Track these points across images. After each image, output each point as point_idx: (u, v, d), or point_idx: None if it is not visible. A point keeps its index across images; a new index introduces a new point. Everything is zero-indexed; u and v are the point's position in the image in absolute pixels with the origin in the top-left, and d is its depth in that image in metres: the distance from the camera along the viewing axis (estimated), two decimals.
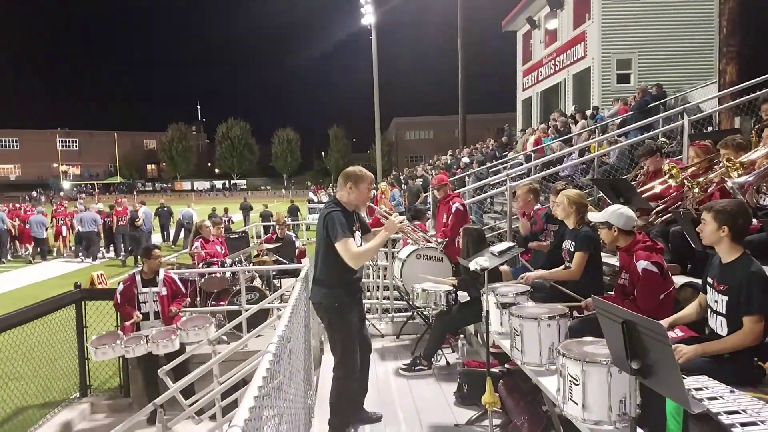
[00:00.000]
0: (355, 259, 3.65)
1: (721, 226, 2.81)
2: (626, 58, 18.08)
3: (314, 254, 3.91)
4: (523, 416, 3.67)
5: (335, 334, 3.82)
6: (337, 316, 3.76)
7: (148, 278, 6.12)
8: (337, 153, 78.64)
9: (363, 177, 3.82)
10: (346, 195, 3.80)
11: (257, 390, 1.72)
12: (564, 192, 4.53)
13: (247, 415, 1.54)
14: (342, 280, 3.75)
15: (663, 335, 1.87)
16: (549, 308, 3.52)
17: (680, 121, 7.23)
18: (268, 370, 1.85)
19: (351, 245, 3.60)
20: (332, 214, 3.68)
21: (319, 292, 3.81)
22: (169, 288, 6.15)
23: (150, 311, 6.03)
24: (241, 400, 1.89)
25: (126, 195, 52.98)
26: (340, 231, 3.59)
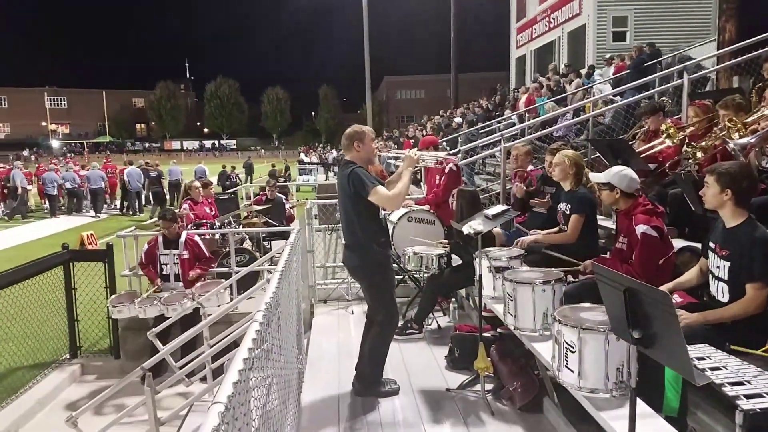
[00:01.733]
0: (393, 201, 3.76)
1: (724, 189, 2.71)
2: (622, 15, 17.69)
3: (341, 219, 3.95)
4: (516, 381, 3.64)
5: (377, 293, 3.90)
6: (377, 274, 3.83)
7: (171, 240, 6.11)
8: (327, 113, 77.74)
9: (364, 132, 3.84)
10: (357, 154, 3.80)
11: (246, 353, 1.64)
12: (564, 152, 4.40)
13: (236, 377, 1.47)
14: (375, 239, 3.78)
15: (669, 304, 1.78)
16: (544, 273, 3.44)
17: (679, 80, 7.06)
18: (254, 340, 1.76)
19: (384, 191, 3.66)
20: (355, 171, 3.68)
21: (354, 255, 3.86)
22: (191, 251, 6.13)
23: (171, 273, 6.06)
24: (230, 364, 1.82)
25: (115, 154, 52.24)
26: (369, 183, 3.62)
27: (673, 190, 4.49)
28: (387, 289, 3.88)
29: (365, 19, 26.26)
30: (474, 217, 3.90)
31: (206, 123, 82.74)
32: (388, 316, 3.88)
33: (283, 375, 2.63)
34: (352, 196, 3.69)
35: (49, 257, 6.21)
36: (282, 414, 2.55)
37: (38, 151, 63.22)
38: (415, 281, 5.62)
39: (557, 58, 19.97)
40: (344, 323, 5.57)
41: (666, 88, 7.72)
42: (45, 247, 11.77)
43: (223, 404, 1.33)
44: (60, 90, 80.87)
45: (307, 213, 5.25)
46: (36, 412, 5.42)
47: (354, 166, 3.72)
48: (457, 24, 23.85)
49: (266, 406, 2.03)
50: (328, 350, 4.86)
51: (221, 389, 1.41)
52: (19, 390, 5.60)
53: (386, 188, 3.75)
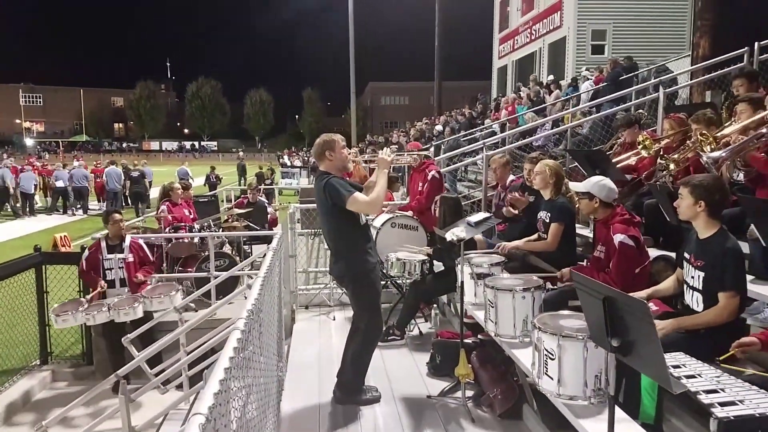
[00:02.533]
0: (371, 206, 3.75)
1: (698, 201, 2.79)
2: (601, 28, 18.04)
3: (323, 230, 3.94)
4: (496, 388, 3.66)
5: (362, 301, 3.87)
6: (362, 283, 3.81)
7: (114, 244, 5.90)
8: (311, 116, 77.39)
9: (334, 140, 3.80)
10: (329, 163, 3.77)
11: (227, 362, 1.61)
12: (544, 162, 4.46)
13: (216, 388, 1.45)
14: (359, 247, 3.77)
15: (647, 313, 1.82)
16: (524, 280, 3.47)
17: (654, 94, 7.23)
18: (235, 348, 1.74)
19: (360, 197, 3.64)
20: (330, 181, 3.65)
21: (340, 265, 3.84)
22: (135, 254, 5.94)
23: (116, 278, 5.83)
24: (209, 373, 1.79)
25: (91, 154, 51.28)
26: (344, 191, 3.60)
27: (649, 200, 4.58)
28: (373, 297, 3.87)
29: (351, 24, 26.32)
30: (457, 224, 3.93)
31: (187, 124, 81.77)
32: (372, 324, 3.87)
33: (262, 383, 2.60)
34: (330, 207, 3.67)
35: (20, 260, 6.05)
36: (261, 423, 2.52)
37: (11, 149, 61.83)
38: (397, 287, 5.63)
39: (538, 68, 20.24)
40: (326, 329, 5.56)
41: (642, 101, 7.89)
42: (15, 249, 11.54)
43: (204, 416, 1.30)
44: (36, 87, 79.17)
45: (290, 217, 5.22)
46: (4, 420, 5.26)
47: (329, 176, 3.69)
48: (441, 32, 24.05)
49: (245, 416, 2.00)
50: (309, 357, 4.83)
51: (202, 400, 1.39)
52: None
53: (364, 194, 3.74)
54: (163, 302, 5.32)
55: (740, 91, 5.00)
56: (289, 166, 30.11)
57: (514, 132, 9.22)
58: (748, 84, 4.97)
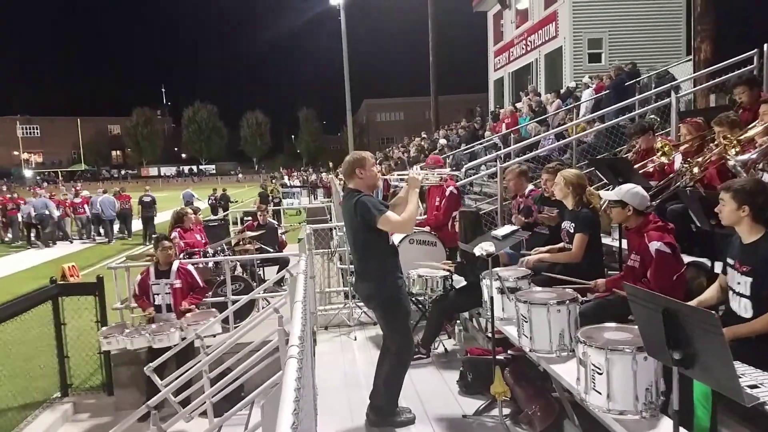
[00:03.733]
0: (403, 226, 3.70)
1: (741, 205, 2.74)
2: (597, 37, 18.19)
3: (351, 249, 3.89)
4: (534, 405, 3.59)
5: (393, 323, 3.79)
6: (392, 305, 3.73)
7: (163, 270, 5.96)
8: (308, 136, 77.82)
9: (365, 158, 3.76)
10: (359, 181, 3.71)
11: (292, 393, 1.56)
12: (561, 173, 4.44)
13: (290, 420, 1.42)
14: (387, 267, 3.70)
15: (715, 324, 1.77)
16: (557, 293, 3.43)
17: (665, 100, 7.23)
18: (297, 379, 1.69)
19: (392, 216, 3.56)
20: (361, 199, 3.59)
21: (367, 286, 3.77)
22: (183, 280, 5.98)
23: (162, 304, 5.90)
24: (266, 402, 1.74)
25: (90, 182, 51.33)
26: (375, 210, 3.53)
27: (673, 206, 4.55)
28: (403, 318, 3.80)
29: (344, 43, 26.55)
30: (483, 238, 3.88)
31: (184, 148, 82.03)
32: (403, 346, 3.79)
33: (307, 410, 2.54)
34: (360, 226, 3.61)
35: (37, 292, 6.00)
36: None
37: (11, 180, 61.88)
38: (417, 304, 5.56)
39: (535, 79, 20.36)
40: (348, 350, 5.47)
41: (652, 108, 7.89)
42: (23, 281, 11.47)
43: None
44: (32, 118, 79.50)
45: (307, 239, 5.18)
46: None
47: (359, 194, 3.63)
48: (435, 46, 24.23)
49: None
50: (335, 379, 4.75)
51: None
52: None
53: (396, 209, 3.70)
54: (198, 329, 5.34)
55: (743, 98, 5.04)
56: (289, 186, 30.02)
57: (522, 145, 9.20)
58: (750, 90, 4.99)
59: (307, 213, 13.90)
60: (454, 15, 28.66)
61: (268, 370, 4.38)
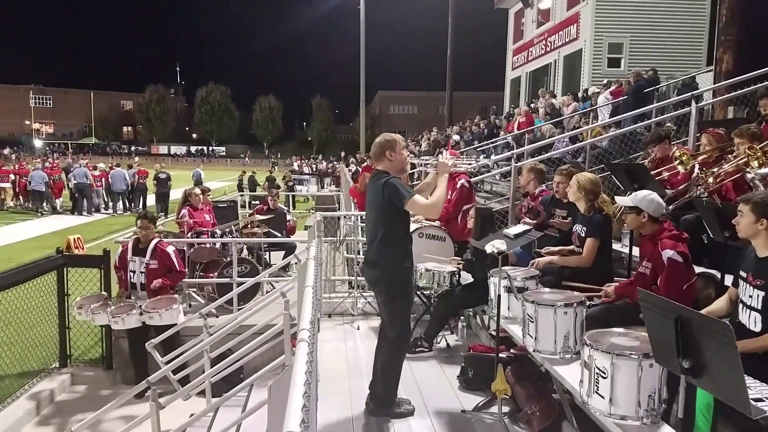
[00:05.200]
0: (430, 209, 3.69)
1: (760, 218, 2.71)
2: (618, 42, 18.01)
3: (368, 232, 3.86)
4: (534, 405, 3.58)
5: (395, 310, 3.78)
6: (400, 291, 3.73)
7: (142, 248, 5.87)
8: (319, 124, 77.52)
9: (396, 140, 3.75)
10: (389, 163, 3.70)
11: (304, 376, 1.56)
12: (576, 176, 4.41)
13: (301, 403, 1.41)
14: (402, 254, 3.69)
15: (729, 335, 1.76)
16: (564, 295, 3.42)
17: (684, 109, 7.16)
18: (308, 362, 1.68)
19: (420, 199, 3.56)
20: (390, 180, 3.57)
21: (378, 269, 3.74)
22: (160, 261, 5.84)
23: (137, 282, 5.81)
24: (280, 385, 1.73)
25: (100, 156, 51.45)
26: (405, 192, 3.52)
27: (686, 216, 4.51)
28: (406, 307, 3.80)
29: (362, 33, 26.45)
30: (495, 236, 3.87)
31: (195, 129, 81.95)
32: (402, 334, 3.78)
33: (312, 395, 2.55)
34: (385, 208, 3.58)
35: (41, 261, 6.01)
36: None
37: (20, 149, 62.22)
38: (422, 298, 5.56)
39: (552, 80, 20.22)
40: (351, 339, 5.48)
41: (670, 116, 7.82)
42: (29, 250, 11.54)
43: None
44: (46, 89, 79.46)
45: (317, 225, 5.17)
46: (24, 423, 5.22)
47: (387, 176, 3.60)
48: (453, 42, 24.08)
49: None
50: (337, 367, 4.75)
51: (289, 417, 1.34)
52: (6, 399, 5.38)
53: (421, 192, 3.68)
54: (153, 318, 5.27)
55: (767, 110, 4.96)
56: (300, 173, 30.02)
57: (536, 146, 9.16)
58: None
59: (316, 201, 13.90)
60: (475, 10, 28.45)
61: (270, 353, 4.40)
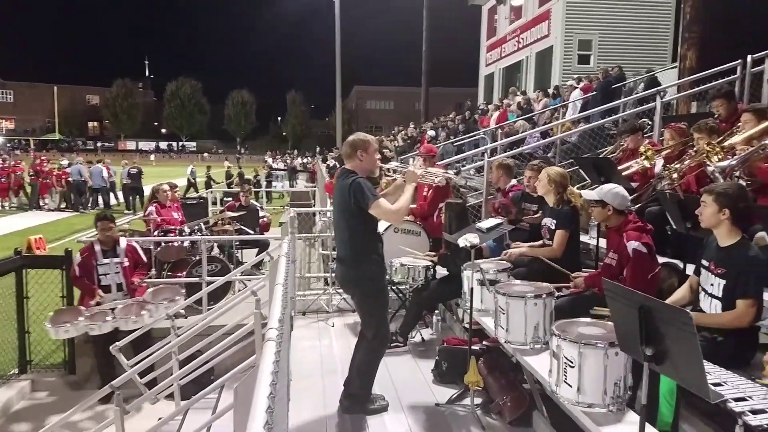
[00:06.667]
0: (395, 215, 3.68)
1: (722, 209, 2.80)
2: (587, 39, 18.29)
3: (336, 230, 3.86)
4: (505, 395, 3.65)
5: (370, 308, 3.78)
6: (372, 290, 3.73)
7: (109, 248, 5.72)
8: (294, 119, 76.73)
9: (369, 141, 3.75)
10: (359, 163, 3.69)
11: (270, 376, 1.55)
12: (546, 170, 4.49)
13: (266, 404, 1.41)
14: (372, 253, 3.69)
15: (689, 323, 1.82)
16: (535, 286, 3.47)
17: (650, 104, 7.33)
18: (275, 362, 1.68)
19: (384, 203, 3.56)
20: (357, 181, 3.56)
21: (349, 269, 3.74)
22: (131, 258, 5.77)
23: (112, 283, 5.64)
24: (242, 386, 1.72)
25: (65, 153, 49.98)
26: (370, 194, 3.52)
27: (651, 208, 4.63)
28: (382, 305, 3.81)
29: (337, 27, 26.31)
30: (468, 230, 3.91)
31: (165, 123, 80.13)
32: (380, 333, 3.78)
33: (281, 396, 2.54)
34: (352, 208, 3.57)
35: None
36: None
37: None
38: (398, 293, 5.58)
39: (525, 77, 20.44)
40: (325, 336, 5.46)
41: (636, 111, 7.99)
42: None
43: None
44: (6, 82, 76.42)
45: (291, 222, 5.14)
46: None
47: (355, 176, 3.60)
48: (429, 38, 24.12)
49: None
50: (311, 365, 4.73)
51: (253, 420, 1.33)
52: None
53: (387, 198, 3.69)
54: (169, 308, 5.14)
55: (720, 110, 5.10)
56: (275, 169, 29.74)
57: (508, 141, 9.28)
58: (727, 104, 5.07)
59: (291, 197, 13.80)
60: (449, 7, 28.50)
61: (241, 354, 4.29)
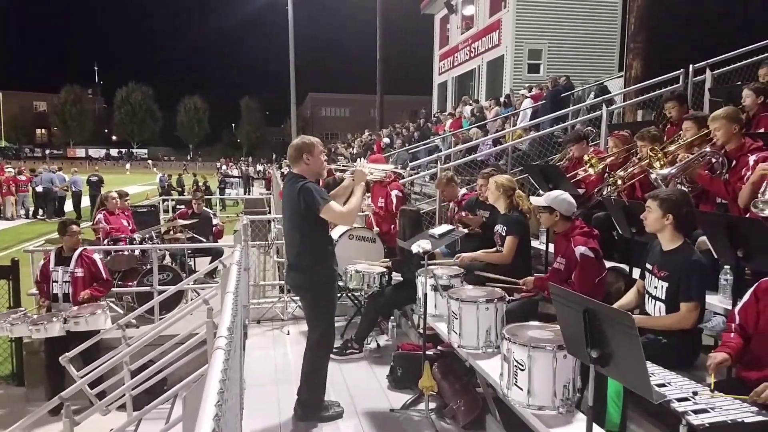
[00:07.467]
0: (345, 217, 3.66)
1: (666, 214, 2.89)
2: (537, 48, 18.74)
3: (286, 236, 3.83)
4: (459, 399, 3.67)
5: (318, 313, 3.76)
6: (322, 294, 3.70)
7: (65, 256, 5.57)
8: (249, 125, 75.90)
9: (314, 144, 3.71)
10: (305, 167, 3.66)
11: (218, 385, 1.51)
12: (494, 177, 4.58)
13: (213, 412, 1.37)
14: (323, 257, 3.67)
15: (631, 326, 1.87)
16: (486, 291, 3.52)
17: (596, 112, 7.60)
18: (224, 370, 1.64)
19: (336, 206, 3.54)
20: (306, 186, 3.54)
21: (300, 274, 3.70)
22: (86, 269, 5.58)
23: (60, 292, 5.48)
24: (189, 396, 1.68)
25: (12, 161, 47.87)
26: (320, 198, 3.50)
27: (597, 214, 4.78)
28: (330, 309, 3.79)
29: (291, 34, 26.09)
30: (421, 236, 3.94)
31: (115, 130, 78.05)
32: (323, 337, 3.77)
33: (232, 405, 2.49)
34: (302, 212, 3.55)
35: None
36: None
37: None
38: (353, 300, 5.56)
39: (477, 86, 20.81)
40: (280, 344, 5.39)
41: (584, 119, 8.26)
42: None
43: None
44: None
45: (244, 229, 5.06)
46: None
47: (304, 180, 3.58)
48: (382, 46, 24.25)
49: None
50: (265, 374, 4.66)
51: (200, 429, 1.30)
52: None
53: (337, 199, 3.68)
54: (80, 323, 5.01)
55: (672, 113, 5.30)
56: (230, 176, 29.23)
57: (460, 148, 9.42)
58: (679, 106, 5.28)
59: (245, 204, 13.60)
60: (403, 16, 28.81)
61: (194, 363, 4.24)
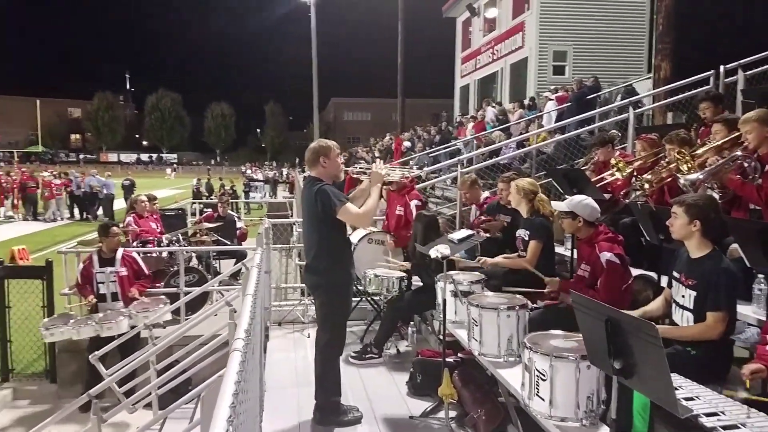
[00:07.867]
0: (361, 219, 3.70)
1: (693, 220, 2.79)
2: (562, 50, 18.44)
3: (305, 238, 3.86)
4: (480, 409, 3.62)
5: (331, 314, 3.77)
6: (337, 296, 3.72)
7: (107, 257, 5.78)
8: (273, 130, 77.02)
9: (330, 147, 3.75)
10: (322, 170, 3.68)
11: (233, 386, 1.52)
12: (515, 182, 4.51)
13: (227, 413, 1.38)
14: (341, 259, 3.70)
15: (654, 336, 1.81)
16: (508, 298, 3.47)
17: (623, 115, 7.43)
18: (239, 372, 1.64)
19: (352, 208, 3.57)
20: (323, 188, 3.57)
21: (317, 275, 3.73)
22: (129, 268, 5.84)
23: (107, 292, 5.71)
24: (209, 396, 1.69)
25: (48, 165, 49.32)
26: (336, 200, 3.53)
27: (624, 219, 4.66)
28: (342, 312, 3.80)
29: (313, 40, 26.32)
30: (440, 241, 3.90)
31: (146, 136, 79.95)
32: (332, 340, 3.77)
33: (250, 407, 2.49)
34: (320, 215, 3.57)
35: None
36: None
37: None
38: (372, 305, 5.54)
39: (500, 88, 20.61)
40: (301, 347, 5.39)
41: (611, 122, 8.09)
42: None
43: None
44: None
45: (266, 233, 5.10)
46: None
47: (321, 183, 3.61)
48: (404, 50, 24.23)
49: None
50: (286, 376, 4.68)
51: (213, 429, 1.30)
52: None
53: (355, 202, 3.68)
54: (148, 317, 5.23)
55: (707, 114, 5.09)
56: (255, 180, 29.54)
57: (482, 151, 9.33)
58: (714, 107, 5.09)
59: (268, 207, 13.74)
60: (424, 19, 28.80)
61: (218, 364, 4.30)
